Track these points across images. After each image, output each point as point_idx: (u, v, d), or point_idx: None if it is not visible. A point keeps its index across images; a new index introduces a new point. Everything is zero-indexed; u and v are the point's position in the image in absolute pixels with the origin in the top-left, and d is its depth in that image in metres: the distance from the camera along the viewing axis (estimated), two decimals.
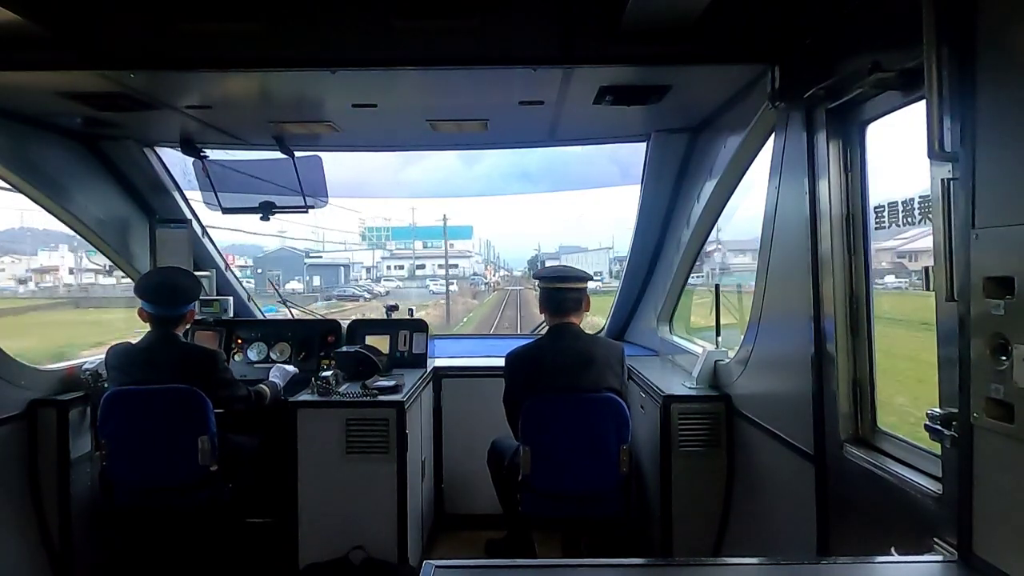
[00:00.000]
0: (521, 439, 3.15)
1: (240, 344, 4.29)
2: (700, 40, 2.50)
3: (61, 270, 24.31)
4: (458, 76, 2.84)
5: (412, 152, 4.58)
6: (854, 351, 2.25)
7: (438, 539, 4.10)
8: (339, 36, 2.59)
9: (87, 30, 2.56)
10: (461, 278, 40.44)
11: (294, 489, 3.22)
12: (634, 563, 1.68)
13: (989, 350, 1.46)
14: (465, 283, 39.45)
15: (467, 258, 43.98)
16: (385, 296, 30.10)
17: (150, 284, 3.34)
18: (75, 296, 22.70)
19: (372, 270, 41.62)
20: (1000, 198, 1.45)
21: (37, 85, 2.92)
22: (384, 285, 36.20)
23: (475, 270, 43.66)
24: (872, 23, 1.99)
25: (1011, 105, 1.42)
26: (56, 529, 3.25)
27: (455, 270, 41.87)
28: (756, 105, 2.79)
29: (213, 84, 3.01)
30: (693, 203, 3.81)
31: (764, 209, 2.76)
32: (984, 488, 1.51)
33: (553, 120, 3.61)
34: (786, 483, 2.62)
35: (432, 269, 38.35)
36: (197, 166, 4.20)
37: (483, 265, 44.90)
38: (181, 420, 3.15)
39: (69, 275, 24.12)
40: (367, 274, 41.09)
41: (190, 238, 4.40)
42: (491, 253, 48.51)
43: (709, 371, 3.37)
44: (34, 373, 3.30)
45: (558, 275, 3.39)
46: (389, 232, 41.01)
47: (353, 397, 3.31)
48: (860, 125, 2.21)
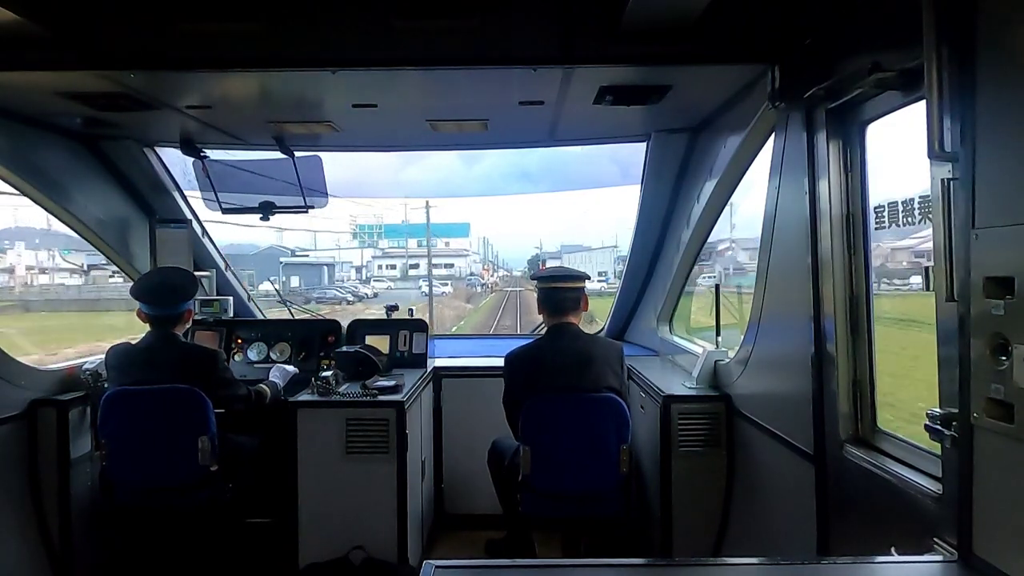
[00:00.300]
0: (521, 439, 3.15)
1: (240, 344, 4.29)
2: (700, 40, 2.50)
3: (18, 269, 23.64)
4: (458, 76, 2.84)
5: (412, 152, 4.58)
6: (854, 351, 2.25)
7: (438, 539, 4.10)
8: (339, 36, 2.59)
9: (87, 30, 2.56)
10: (456, 279, 39.51)
11: (294, 489, 3.22)
12: (634, 563, 1.68)
13: (989, 350, 1.46)
14: (461, 284, 38.48)
15: (463, 257, 43.19)
16: (373, 299, 28.73)
17: (145, 285, 3.35)
18: (28, 299, 22.16)
19: (362, 270, 40.65)
20: (1000, 198, 1.45)
21: (37, 85, 2.92)
22: (374, 286, 34.91)
23: (471, 270, 42.81)
24: (872, 23, 1.99)
25: (1011, 105, 1.42)
26: (56, 529, 3.25)
27: (450, 270, 40.88)
28: (756, 105, 2.79)
29: (213, 84, 3.01)
30: (693, 203, 3.81)
31: (764, 209, 2.76)
32: (984, 488, 1.51)
33: (553, 120, 3.61)
34: (786, 483, 2.62)
35: (427, 269, 36.76)
36: (197, 166, 4.20)
37: (480, 264, 44.19)
38: (181, 420, 3.15)
39: (36, 273, 23.43)
40: (356, 274, 39.93)
41: (190, 238, 4.40)
42: (489, 252, 47.71)
43: (709, 371, 3.37)
44: (34, 373, 3.30)
45: (555, 275, 3.42)
46: (381, 230, 39.47)
47: (353, 397, 3.31)
48: (860, 125, 2.21)
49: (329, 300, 27.75)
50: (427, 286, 30.02)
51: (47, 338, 12.65)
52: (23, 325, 17.48)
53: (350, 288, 33.76)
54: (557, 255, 36.88)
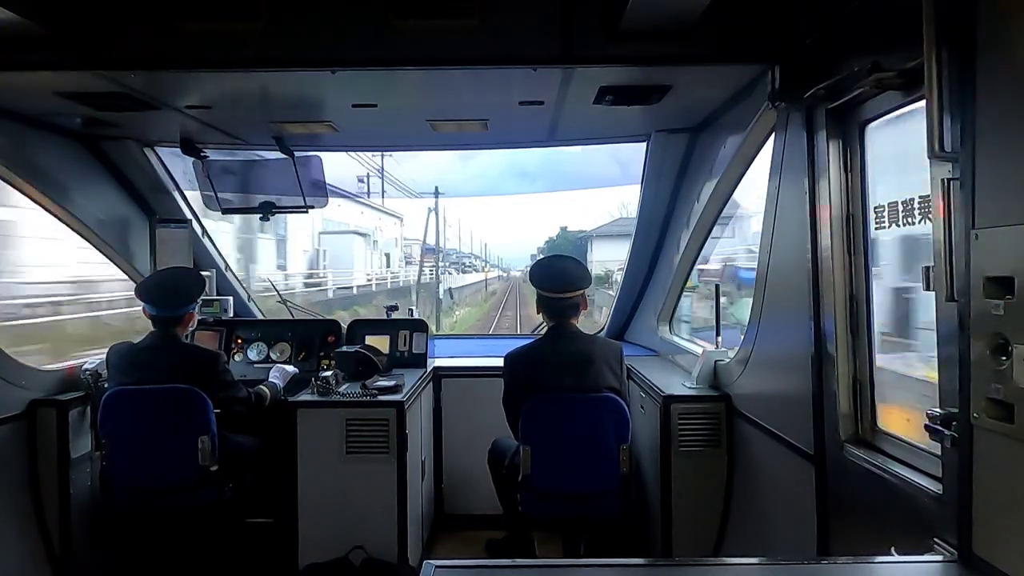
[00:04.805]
0: (521, 439, 3.15)
1: (240, 344, 4.29)
2: (700, 40, 2.50)
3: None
4: (458, 76, 2.84)
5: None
6: (854, 351, 2.25)
7: (438, 539, 4.10)
8: (339, 36, 2.59)
9: (87, 30, 2.56)
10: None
11: (294, 489, 3.22)
12: (634, 563, 1.68)
13: (989, 350, 1.46)
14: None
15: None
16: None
17: (149, 285, 3.36)
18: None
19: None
20: (1000, 198, 1.45)
21: (37, 85, 2.92)
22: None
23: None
24: (872, 23, 1.99)
25: (1011, 105, 1.42)
26: (56, 529, 3.25)
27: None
28: (756, 105, 2.79)
29: (213, 84, 3.01)
30: (693, 203, 3.81)
31: (764, 209, 2.76)
32: (984, 488, 1.51)
33: (553, 120, 3.61)
34: (786, 483, 2.62)
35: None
36: (197, 166, 4.20)
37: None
38: (181, 420, 3.15)
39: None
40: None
41: (190, 238, 4.40)
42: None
43: (709, 371, 3.37)
44: (34, 373, 3.30)
45: (558, 284, 3.23)
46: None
47: (353, 397, 3.31)
48: (860, 125, 2.21)
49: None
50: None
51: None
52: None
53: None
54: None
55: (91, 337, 8.73)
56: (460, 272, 38.81)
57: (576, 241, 37.33)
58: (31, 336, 7.85)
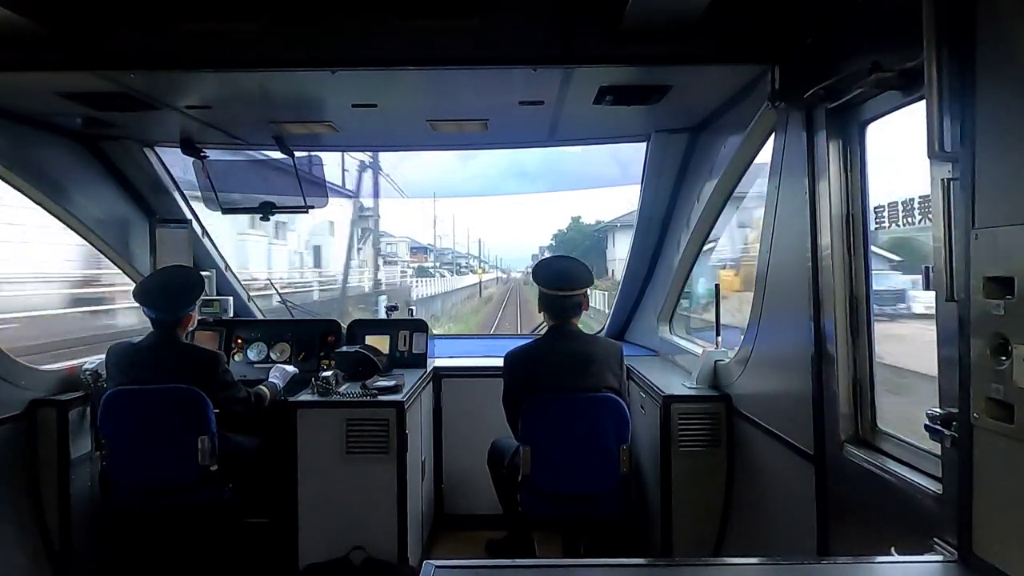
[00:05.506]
0: (521, 439, 3.15)
1: (240, 344, 4.29)
2: (700, 40, 2.50)
3: None
4: (458, 76, 2.84)
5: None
6: (854, 351, 2.25)
7: (438, 539, 4.10)
8: (339, 36, 2.59)
9: (87, 30, 2.56)
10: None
11: (294, 489, 3.22)
12: (634, 563, 1.68)
13: (989, 350, 1.46)
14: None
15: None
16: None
17: (146, 289, 3.33)
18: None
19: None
20: (1000, 198, 1.45)
21: (37, 85, 2.92)
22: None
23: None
24: (872, 23, 1.99)
25: (1011, 105, 1.42)
26: (56, 529, 3.25)
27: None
28: (756, 105, 2.79)
29: (213, 84, 3.01)
30: (693, 203, 3.81)
31: (764, 209, 2.76)
32: (984, 488, 1.51)
33: (553, 120, 3.61)
34: (786, 483, 2.62)
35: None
36: (197, 166, 4.20)
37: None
38: (181, 420, 3.15)
39: None
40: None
41: (190, 238, 4.40)
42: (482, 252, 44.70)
43: (709, 371, 3.37)
44: (34, 373, 3.30)
45: (561, 282, 3.25)
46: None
47: (353, 397, 3.31)
48: (860, 125, 2.21)
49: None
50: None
51: None
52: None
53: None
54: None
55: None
56: (454, 274, 38.57)
57: (592, 234, 35.90)
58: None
